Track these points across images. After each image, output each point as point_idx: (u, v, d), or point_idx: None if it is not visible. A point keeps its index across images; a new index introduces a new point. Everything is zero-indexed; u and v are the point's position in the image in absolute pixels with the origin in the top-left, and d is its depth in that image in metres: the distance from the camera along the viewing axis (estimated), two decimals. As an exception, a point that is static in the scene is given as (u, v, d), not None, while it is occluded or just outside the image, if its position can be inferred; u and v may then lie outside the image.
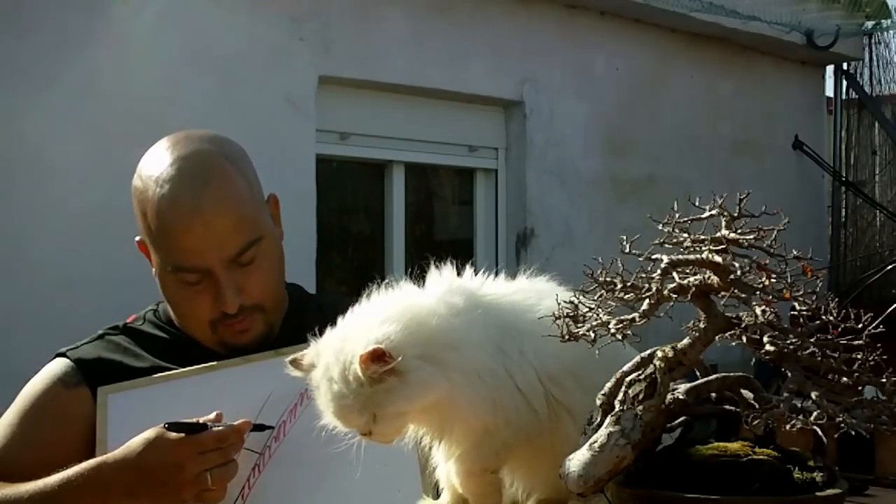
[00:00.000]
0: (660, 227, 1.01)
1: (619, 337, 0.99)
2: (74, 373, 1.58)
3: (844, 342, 0.95)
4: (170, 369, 1.57)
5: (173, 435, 1.36)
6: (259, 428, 1.43)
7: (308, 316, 1.69)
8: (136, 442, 1.37)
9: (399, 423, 1.13)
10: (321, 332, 1.60)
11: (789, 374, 0.93)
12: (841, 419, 0.89)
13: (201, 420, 1.38)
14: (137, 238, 1.61)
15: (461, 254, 5.17)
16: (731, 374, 1.02)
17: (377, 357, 1.08)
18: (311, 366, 1.18)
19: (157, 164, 1.54)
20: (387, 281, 1.22)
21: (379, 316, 1.14)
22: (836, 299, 0.97)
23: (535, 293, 1.21)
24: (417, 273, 1.24)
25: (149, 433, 1.37)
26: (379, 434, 1.13)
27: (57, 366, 1.60)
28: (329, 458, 1.19)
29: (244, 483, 1.44)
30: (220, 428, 1.38)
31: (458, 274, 1.24)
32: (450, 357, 1.12)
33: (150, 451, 1.35)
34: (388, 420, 1.11)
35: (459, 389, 1.12)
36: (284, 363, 1.31)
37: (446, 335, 1.13)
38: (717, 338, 0.99)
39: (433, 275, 1.22)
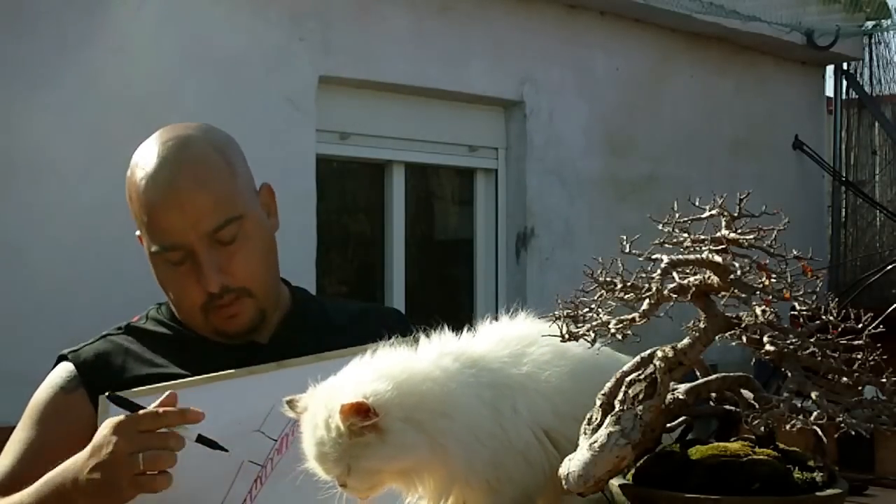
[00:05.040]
0: (660, 227, 1.01)
1: (619, 337, 0.99)
2: (73, 377, 1.59)
3: (844, 342, 0.95)
4: (172, 365, 1.57)
5: (118, 418, 1.35)
6: (208, 444, 1.39)
7: (311, 319, 1.70)
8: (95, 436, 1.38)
9: (373, 480, 1.13)
10: (323, 336, 1.60)
11: (789, 374, 0.93)
12: (841, 419, 0.89)
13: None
14: (137, 233, 1.62)
15: (461, 254, 5.16)
16: (731, 374, 1.02)
17: (359, 411, 1.08)
18: (304, 409, 1.18)
19: (143, 150, 1.59)
20: (392, 341, 1.21)
21: (375, 371, 1.14)
22: (836, 299, 0.97)
23: (518, 340, 1.20)
24: (416, 336, 1.24)
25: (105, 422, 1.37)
26: (353, 488, 1.13)
27: (58, 372, 1.61)
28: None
29: (246, 495, 1.43)
30: (159, 409, 1.35)
31: (457, 333, 1.24)
32: (443, 425, 1.11)
33: (96, 437, 1.36)
34: (361, 475, 1.11)
35: (456, 456, 1.12)
36: (287, 375, 1.30)
37: (440, 401, 1.12)
38: (717, 338, 0.99)
39: (430, 338, 1.22)
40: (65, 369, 1.60)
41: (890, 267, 5.31)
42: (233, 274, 1.55)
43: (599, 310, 1.01)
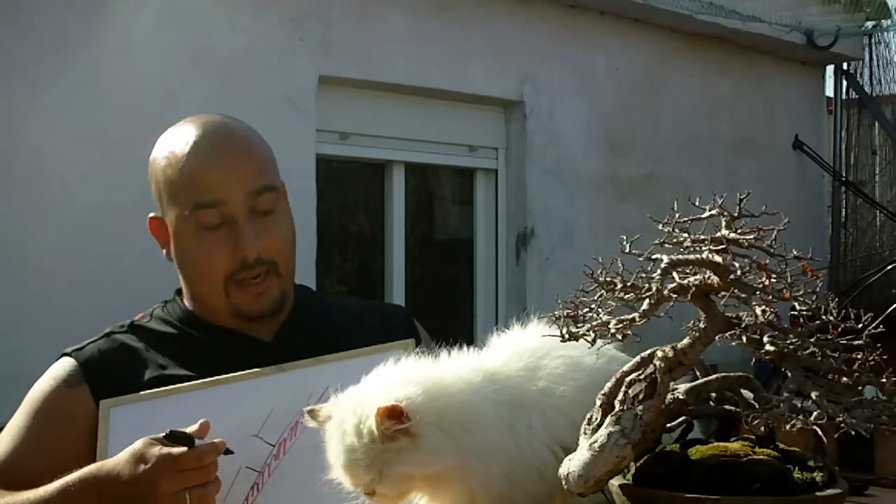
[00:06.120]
0: (660, 227, 1.01)
1: (619, 337, 0.99)
2: (77, 372, 1.57)
3: (844, 342, 0.94)
4: (176, 365, 1.56)
5: (156, 450, 1.32)
6: (226, 451, 1.38)
7: (315, 317, 1.69)
8: (125, 453, 1.35)
9: (403, 487, 1.13)
10: (328, 335, 1.60)
11: (789, 374, 0.93)
12: (841, 419, 0.89)
13: (187, 430, 1.34)
14: (151, 214, 1.62)
15: (461, 254, 5.14)
16: (731, 374, 1.02)
17: (394, 414, 1.08)
18: (328, 418, 1.18)
19: (181, 129, 1.61)
20: (418, 350, 1.23)
21: (403, 377, 1.15)
22: (836, 299, 0.97)
23: (532, 353, 1.20)
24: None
25: (137, 444, 1.35)
26: (381, 495, 1.12)
27: (60, 366, 1.60)
28: (329, 476, 1.19)
29: (243, 501, 1.43)
30: (202, 445, 1.34)
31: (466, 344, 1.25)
32: (464, 438, 1.12)
33: (132, 463, 1.34)
34: (393, 481, 1.11)
35: (474, 472, 1.12)
36: (287, 379, 1.28)
37: (463, 413, 1.13)
38: (717, 338, 0.99)
39: (454, 352, 1.23)
40: (68, 364, 1.59)
41: (890, 267, 5.30)
42: (267, 246, 1.56)
43: (599, 310, 1.00)
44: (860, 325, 0.94)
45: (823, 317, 0.95)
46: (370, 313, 1.78)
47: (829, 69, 6.78)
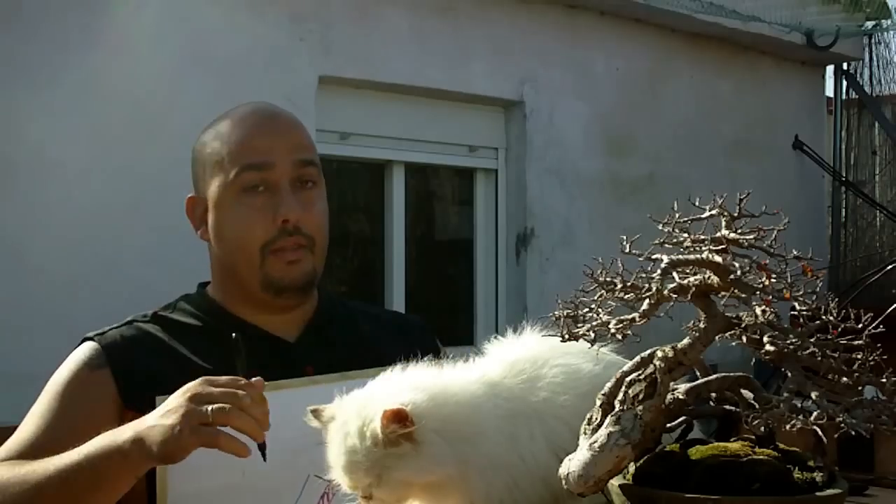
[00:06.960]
0: (660, 227, 1.01)
1: (619, 337, 0.99)
2: (99, 355, 1.57)
3: (844, 342, 0.94)
4: (198, 358, 1.55)
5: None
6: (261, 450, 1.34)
7: (337, 322, 1.70)
8: None
9: (401, 493, 1.13)
10: (351, 343, 1.60)
11: (789, 374, 0.93)
12: (841, 419, 0.89)
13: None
14: (190, 195, 1.65)
15: (461, 254, 5.14)
16: (731, 374, 1.02)
17: (399, 417, 1.08)
18: (331, 419, 1.18)
19: (227, 114, 1.66)
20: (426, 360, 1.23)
21: (409, 382, 1.15)
22: (836, 299, 0.97)
23: (532, 362, 1.20)
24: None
25: None
26: (379, 499, 1.12)
27: (82, 350, 1.59)
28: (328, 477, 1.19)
29: None
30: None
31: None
32: (465, 449, 1.12)
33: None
34: (391, 486, 1.11)
35: (474, 484, 1.12)
36: (351, 387, 1.31)
37: (466, 424, 1.13)
38: (717, 338, 0.99)
39: (463, 361, 1.24)
40: (90, 347, 1.58)
41: (890, 267, 5.31)
42: (307, 218, 1.58)
43: (599, 310, 1.00)
44: (860, 325, 0.94)
45: (823, 317, 0.95)
46: (392, 323, 1.81)
47: (829, 69, 6.78)
